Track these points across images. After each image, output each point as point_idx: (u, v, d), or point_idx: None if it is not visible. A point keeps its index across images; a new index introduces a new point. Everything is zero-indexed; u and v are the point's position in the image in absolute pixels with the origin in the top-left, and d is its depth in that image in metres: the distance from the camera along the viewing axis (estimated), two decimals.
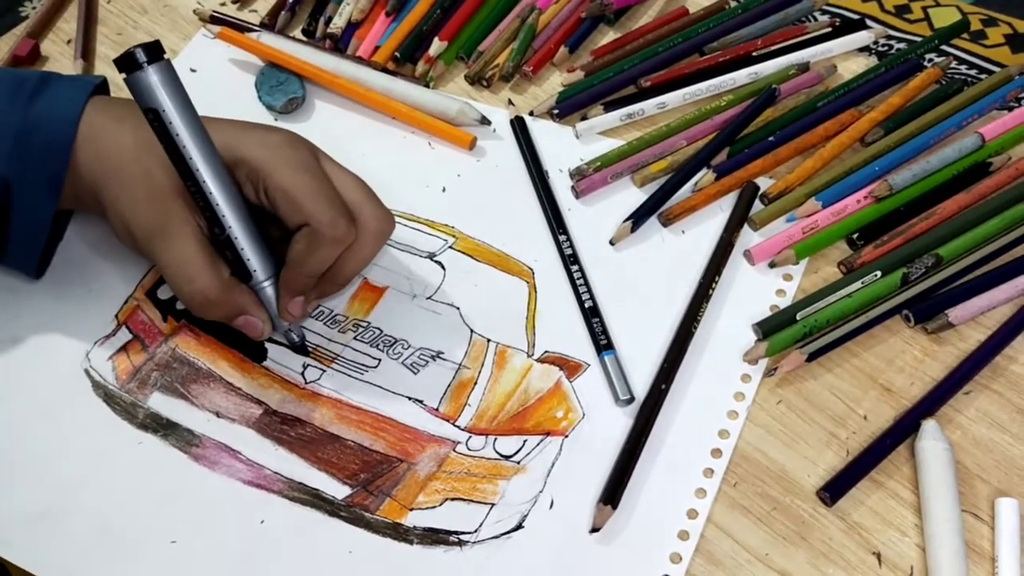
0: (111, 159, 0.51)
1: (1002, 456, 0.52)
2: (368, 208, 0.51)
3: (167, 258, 0.50)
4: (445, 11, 0.73)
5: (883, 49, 0.70)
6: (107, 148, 0.51)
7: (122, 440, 0.53)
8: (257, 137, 0.51)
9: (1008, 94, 0.64)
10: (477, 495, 0.51)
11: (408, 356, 0.56)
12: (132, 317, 0.58)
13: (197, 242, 0.50)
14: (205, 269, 0.49)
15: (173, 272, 0.50)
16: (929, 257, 0.56)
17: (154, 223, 0.50)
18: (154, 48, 0.45)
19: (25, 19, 0.77)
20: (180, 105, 0.46)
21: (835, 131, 0.64)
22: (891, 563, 0.49)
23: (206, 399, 0.55)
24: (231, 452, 0.53)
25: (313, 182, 0.50)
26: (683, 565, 0.49)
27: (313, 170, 0.51)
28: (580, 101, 0.68)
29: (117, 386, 0.55)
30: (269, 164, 0.50)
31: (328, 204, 0.49)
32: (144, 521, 0.51)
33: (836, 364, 0.55)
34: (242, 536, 0.50)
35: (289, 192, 0.49)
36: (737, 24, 0.72)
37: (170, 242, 0.49)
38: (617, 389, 0.54)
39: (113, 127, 0.52)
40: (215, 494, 0.51)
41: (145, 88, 0.45)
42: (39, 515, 0.51)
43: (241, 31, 0.71)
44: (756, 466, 0.52)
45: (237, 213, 0.49)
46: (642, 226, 0.61)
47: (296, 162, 0.50)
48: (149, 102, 0.45)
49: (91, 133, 0.51)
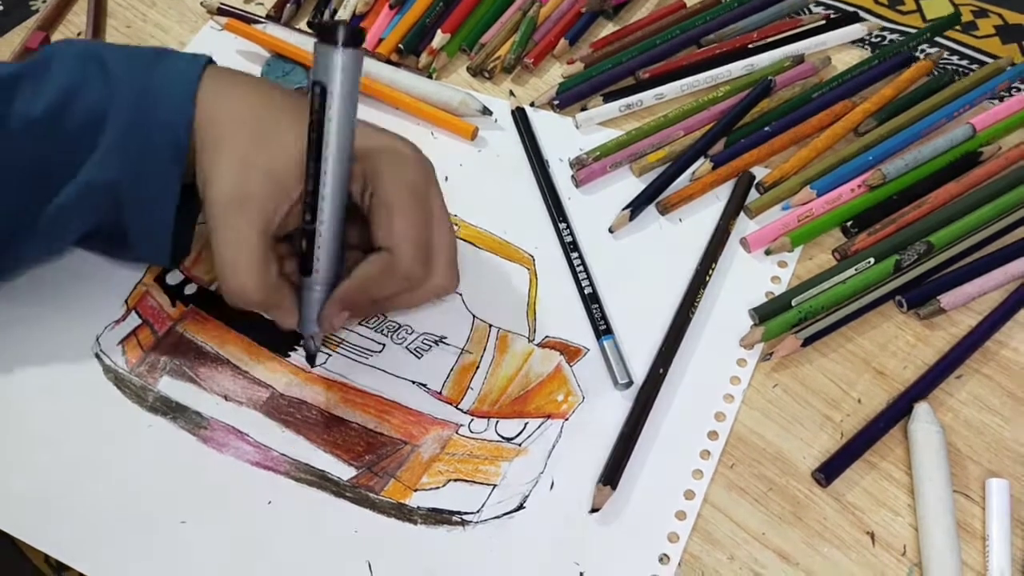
0: (219, 125, 0.49)
1: (992, 438, 0.53)
2: (444, 263, 0.50)
3: (224, 236, 0.47)
4: (448, 4, 0.74)
5: (876, 40, 0.71)
6: (218, 114, 0.49)
7: (132, 423, 0.54)
8: (385, 140, 0.50)
9: (999, 85, 0.65)
10: (479, 476, 0.52)
11: (412, 341, 0.57)
12: (141, 302, 0.59)
13: (259, 232, 0.47)
14: (254, 265, 0.47)
15: (222, 255, 0.47)
16: (921, 244, 0.57)
17: (231, 194, 0.47)
18: (357, 34, 0.44)
19: (36, 12, 0.78)
20: (348, 95, 0.45)
21: (829, 122, 0.65)
22: (884, 542, 0.49)
23: (214, 383, 0.55)
24: (239, 434, 0.54)
25: (416, 216, 0.48)
26: (680, 544, 0.49)
27: (422, 202, 0.49)
28: (580, 92, 0.69)
29: (127, 370, 0.56)
30: (387, 175, 0.48)
31: (417, 244, 0.48)
32: (154, 502, 0.51)
33: (831, 349, 0.56)
34: (250, 516, 0.51)
35: (392, 214, 0.48)
36: (733, 17, 0.73)
37: (233, 221, 0.47)
38: (616, 373, 0.55)
39: (228, 93, 0.50)
40: (223, 476, 0.52)
41: (327, 64, 0.44)
42: (51, 496, 0.51)
43: (248, 23, 0.72)
44: (753, 448, 0.53)
45: (335, 214, 0.47)
46: (640, 214, 0.62)
47: (411, 185, 0.49)
48: (322, 76, 0.44)
49: (205, 98, 0.49)
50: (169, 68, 0.50)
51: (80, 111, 0.49)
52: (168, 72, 0.50)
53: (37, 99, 0.49)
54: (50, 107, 0.48)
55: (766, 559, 0.49)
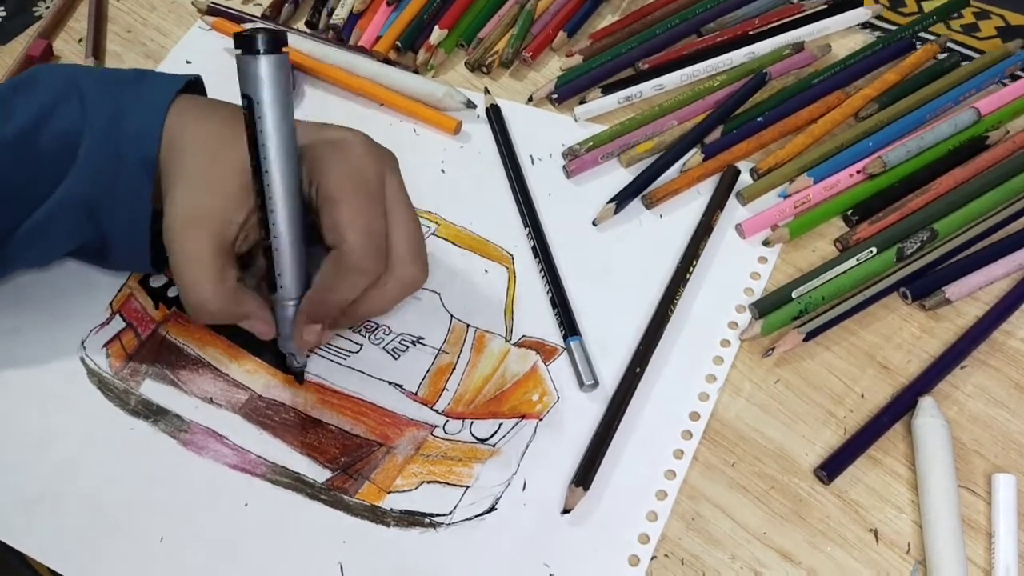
0: (184, 152, 0.49)
1: (999, 431, 0.52)
2: (405, 253, 0.48)
3: (179, 255, 0.47)
4: (444, 0, 0.74)
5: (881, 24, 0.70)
6: (183, 142, 0.49)
7: (115, 426, 0.55)
8: (332, 133, 0.49)
9: (1007, 69, 0.64)
10: (453, 478, 0.52)
11: (390, 341, 0.57)
12: (126, 305, 0.60)
13: (212, 247, 0.47)
14: (209, 277, 0.47)
15: (180, 274, 0.47)
16: (924, 231, 0.56)
17: (186, 214, 0.47)
18: (276, 40, 0.42)
19: (39, 19, 0.78)
20: (278, 103, 0.43)
21: (821, 113, 0.64)
22: (888, 540, 0.49)
23: (195, 385, 0.56)
24: (218, 437, 0.54)
25: (362, 205, 0.46)
26: (650, 545, 0.49)
27: (369, 191, 0.47)
28: (579, 85, 0.68)
29: (111, 373, 0.57)
30: (328, 167, 0.47)
31: (365, 234, 0.46)
32: (135, 504, 0.52)
33: (833, 343, 0.55)
34: (227, 518, 0.51)
35: (333, 206, 0.46)
36: (734, 4, 0.72)
37: (188, 237, 0.47)
38: (582, 374, 0.54)
39: (194, 124, 0.50)
40: (202, 479, 0.53)
41: (251, 75, 0.42)
42: (35, 499, 0.52)
43: (238, 22, 0.72)
44: (754, 445, 0.52)
45: (291, 227, 0.46)
46: (626, 208, 0.61)
47: (355, 174, 0.47)
48: (247, 89, 0.43)
49: (174, 129, 0.49)
50: (143, 87, 0.51)
51: (53, 134, 0.49)
52: (142, 91, 0.51)
53: (8, 122, 0.49)
54: (22, 129, 0.49)
55: (768, 559, 0.49)
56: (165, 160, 0.49)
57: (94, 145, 0.49)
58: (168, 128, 0.49)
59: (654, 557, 0.49)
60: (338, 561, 0.50)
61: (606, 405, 0.53)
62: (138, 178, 0.50)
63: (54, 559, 0.50)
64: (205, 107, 0.52)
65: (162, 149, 0.49)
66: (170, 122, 0.50)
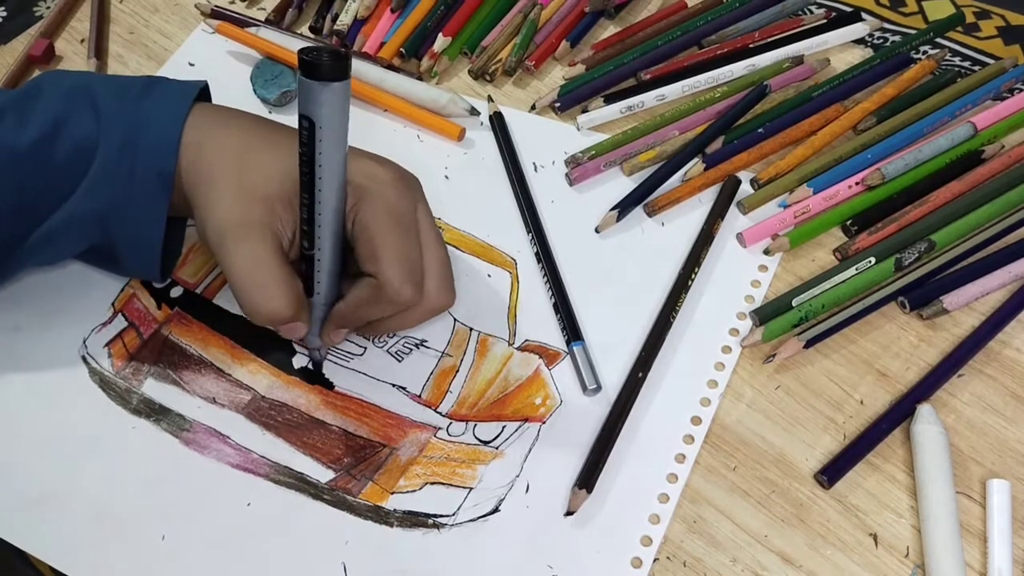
0: (211, 164, 0.49)
1: (996, 439, 0.52)
2: (436, 282, 0.49)
3: (238, 259, 0.47)
4: (449, 7, 0.74)
5: (878, 42, 0.71)
6: (208, 153, 0.49)
7: (117, 425, 0.55)
8: (365, 166, 0.49)
9: (1002, 85, 0.65)
10: (456, 479, 0.52)
11: (393, 344, 0.57)
12: (128, 305, 0.60)
13: (274, 248, 0.47)
14: (280, 279, 0.47)
15: (242, 274, 0.47)
16: (922, 242, 0.57)
17: (234, 220, 0.47)
18: (343, 68, 0.42)
19: (40, 19, 0.78)
20: (337, 128, 0.43)
21: (820, 126, 0.64)
22: (887, 544, 0.49)
23: (197, 385, 0.56)
24: (220, 437, 0.54)
25: (399, 240, 0.48)
26: (653, 548, 0.50)
27: (405, 224, 0.48)
28: (581, 94, 0.68)
29: (113, 372, 0.57)
30: (367, 202, 0.48)
31: (402, 269, 0.47)
32: (137, 503, 0.52)
33: (833, 350, 0.56)
34: (230, 518, 0.51)
35: (373, 240, 0.47)
36: (735, 17, 0.72)
37: (244, 243, 0.47)
38: (585, 379, 0.55)
39: (217, 132, 0.50)
40: (204, 478, 0.53)
41: (315, 100, 0.42)
42: (36, 498, 0.52)
43: (242, 26, 0.72)
44: (755, 450, 0.53)
45: (334, 241, 0.47)
46: (628, 215, 0.62)
47: (393, 209, 0.48)
48: (309, 112, 0.42)
49: (194, 139, 0.50)
50: (158, 98, 0.51)
51: (68, 144, 0.49)
52: (156, 102, 0.51)
53: (23, 131, 0.49)
54: (36, 140, 0.49)
55: (769, 561, 0.49)
56: (189, 169, 0.49)
57: (109, 158, 0.49)
58: (187, 138, 0.50)
59: (656, 559, 0.49)
60: (341, 561, 0.50)
61: (609, 409, 0.54)
62: (154, 192, 0.50)
63: (56, 558, 0.51)
64: (223, 114, 0.52)
65: (184, 158, 0.49)
66: (189, 132, 0.50)
